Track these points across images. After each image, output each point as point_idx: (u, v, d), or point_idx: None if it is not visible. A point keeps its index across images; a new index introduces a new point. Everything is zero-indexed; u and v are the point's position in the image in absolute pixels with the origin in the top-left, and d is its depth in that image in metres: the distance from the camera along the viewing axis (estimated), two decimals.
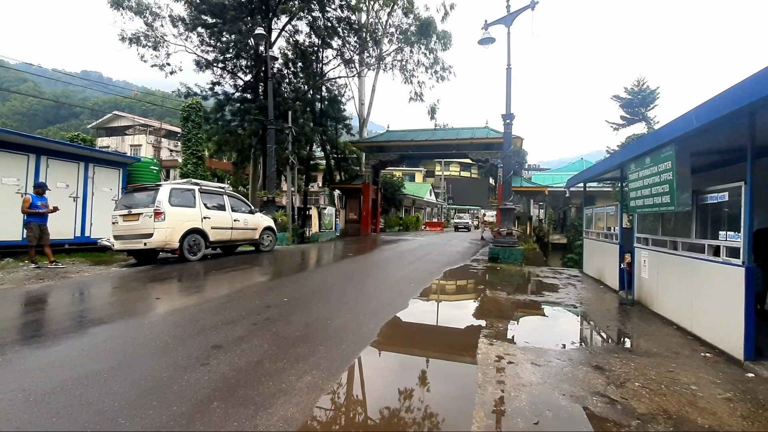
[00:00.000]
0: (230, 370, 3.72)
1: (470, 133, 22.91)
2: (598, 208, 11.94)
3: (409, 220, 37.19)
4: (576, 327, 6.26)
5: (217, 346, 4.30)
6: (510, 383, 3.65)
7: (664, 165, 6.01)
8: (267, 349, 4.26)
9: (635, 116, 36.12)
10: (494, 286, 9.08)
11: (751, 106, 3.99)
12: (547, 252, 24.48)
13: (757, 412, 3.27)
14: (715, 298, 5.05)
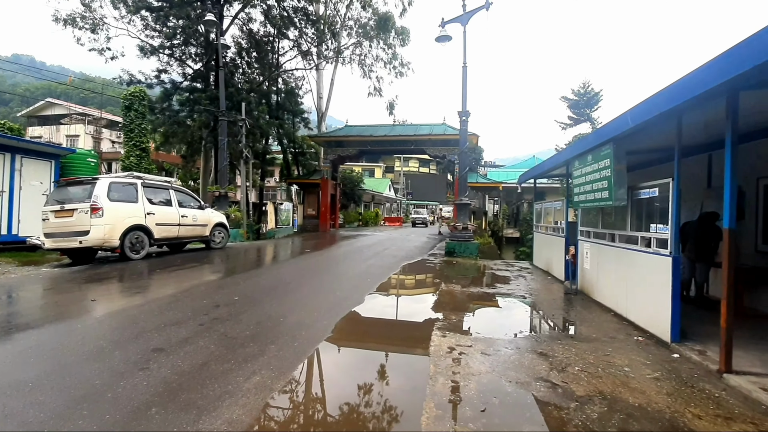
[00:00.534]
0: (172, 373, 3.51)
1: (428, 129, 23.24)
2: (547, 203, 12.55)
3: (369, 216, 37.23)
4: (524, 316, 6.53)
5: (158, 349, 4.05)
6: (460, 373, 3.73)
7: (603, 162, 6.40)
8: (213, 351, 4.07)
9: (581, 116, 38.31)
10: (450, 279, 9.28)
11: (678, 109, 4.32)
12: (501, 245, 25.43)
13: (680, 389, 3.57)
14: (647, 286, 5.46)
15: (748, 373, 3.86)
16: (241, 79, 24.35)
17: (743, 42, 3.18)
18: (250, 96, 22.02)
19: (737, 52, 3.25)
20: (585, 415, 3.01)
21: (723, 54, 3.42)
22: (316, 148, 29.17)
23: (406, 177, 57.45)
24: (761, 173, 6.49)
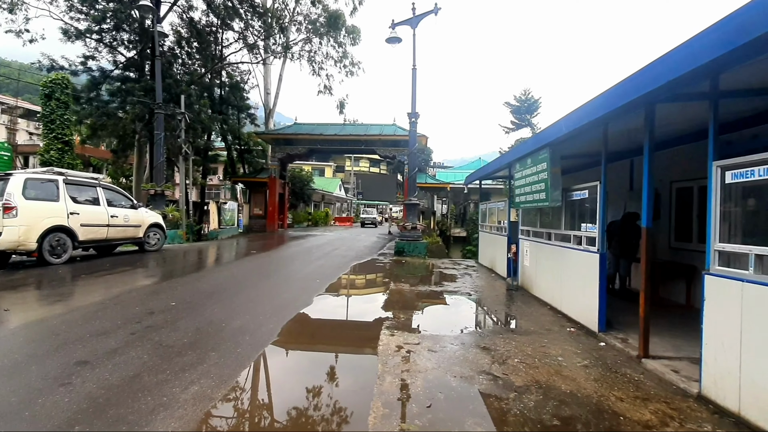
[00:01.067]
0: (98, 388, 3.22)
1: (378, 129, 23.38)
2: (492, 203, 13.13)
3: (319, 216, 36.70)
4: (470, 313, 6.78)
5: (82, 362, 3.69)
6: (408, 371, 3.78)
7: (541, 165, 6.82)
8: (146, 361, 3.79)
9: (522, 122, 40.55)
10: (399, 278, 9.39)
11: (604, 118, 4.71)
12: (449, 245, 26.19)
13: (606, 375, 3.89)
14: (577, 280, 5.90)
15: (662, 357, 4.30)
16: (181, 70, 22.90)
17: (658, 59, 3.53)
18: (190, 88, 20.78)
19: (652, 68, 3.60)
20: (523, 404, 3.18)
21: (641, 69, 3.78)
22: (263, 146, 28.22)
23: (357, 177, 57.38)
24: (674, 177, 7.26)
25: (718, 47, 2.83)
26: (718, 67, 3.18)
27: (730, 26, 2.75)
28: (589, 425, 2.93)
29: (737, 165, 3.24)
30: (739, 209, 3.57)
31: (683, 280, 6.81)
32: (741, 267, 3.18)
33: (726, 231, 3.42)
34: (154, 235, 11.89)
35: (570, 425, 2.92)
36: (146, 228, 11.47)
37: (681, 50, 3.24)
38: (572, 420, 2.99)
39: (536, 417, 3.00)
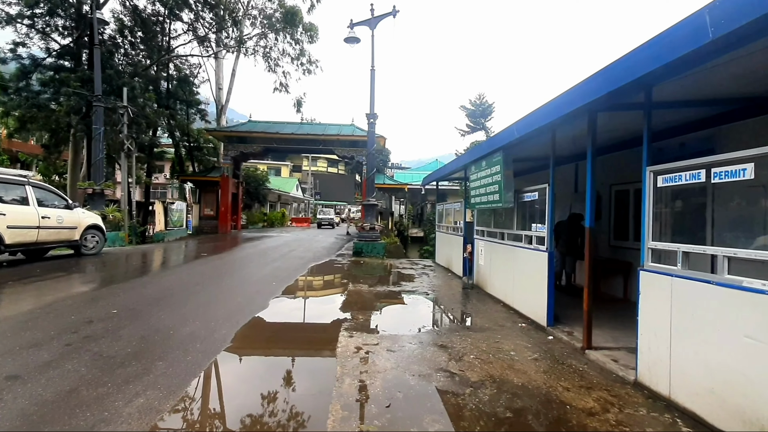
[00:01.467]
0: (32, 404, 2.93)
1: (337, 129, 23.19)
2: (448, 204, 13.46)
3: (275, 216, 35.75)
4: (427, 312, 6.90)
5: (12, 377, 3.35)
6: (367, 372, 3.78)
7: (495, 168, 7.08)
8: (85, 374, 3.50)
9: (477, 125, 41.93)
10: (357, 279, 9.37)
11: (552, 124, 4.98)
12: (406, 245, 26.52)
13: (554, 366, 4.11)
14: (528, 278, 6.19)
15: (603, 348, 4.62)
16: (123, 61, 21.42)
17: (599, 72, 3.79)
18: (133, 81, 19.47)
19: (594, 79, 3.86)
20: (478, 399, 3.29)
21: (584, 80, 4.04)
22: (215, 143, 27.03)
23: (315, 177, 56.52)
24: (613, 181, 7.83)
25: (651, 62, 3.09)
26: (651, 80, 3.47)
27: (661, 44, 3.01)
28: (539, 416, 3.08)
29: (667, 170, 3.55)
30: (669, 210, 3.91)
31: (621, 275, 7.36)
32: (670, 263, 3.48)
33: (658, 230, 3.73)
34: (92, 238, 11.02)
35: (522, 416, 3.06)
36: (83, 230, 10.60)
37: (619, 64, 3.50)
38: (524, 411, 3.13)
39: (490, 410, 3.11)
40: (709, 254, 3.14)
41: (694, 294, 3.17)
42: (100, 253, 11.32)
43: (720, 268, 2.97)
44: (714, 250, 3.06)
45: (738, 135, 5.00)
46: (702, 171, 3.18)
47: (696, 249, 3.25)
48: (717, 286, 2.95)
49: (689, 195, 3.99)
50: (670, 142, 5.97)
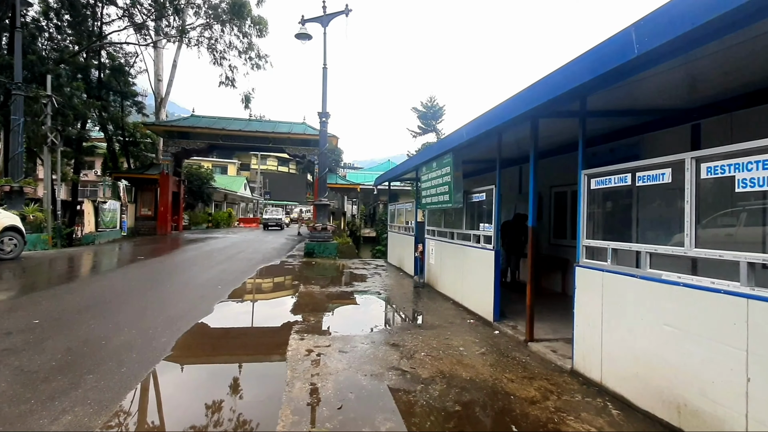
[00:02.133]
0: None
1: (288, 127, 22.63)
2: (400, 204, 13.63)
3: (220, 216, 34.13)
4: (379, 311, 6.93)
5: None
6: (318, 374, 3.72)
7: (445, 169, 7.27)
8: (5, 390, 3.13)
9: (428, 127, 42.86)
10: (309, 280, 9.21)
11: (499, 128, 5.21)
12: (359, 245, 26.49)
13: (499, 360, 4.30)
14: (476, 275, 6.43)
15: (544, 339, 4.91)
16: (48, 46, 19.39)
17: (540, 81, 4.02)
18: (59, 68, 17.69)
19: (536, 87, 4.09)
20: (429, 395, 3.36)
21: (527, 88, 4.27)
22: (153, 138, 25.30)
23: (264, 176, 54.78)
24: (553, 183, 8.36)
25: (586, 74, 3.33)
26: (586, 91, 3.74)
27: (594, 57, 3.25)
28: (485, 407, 3.21)
29: (599, 174, 3.85)
30: (601, 211, 4.25)
31: (560, 271, 7.88)
32: (602, 259, 3.78)
33: (591, 229, 4.03)
34: (10, 240, 9.86)
35: (470, 409, 3.17)
36: None
37: (557, 74, 3.74)
38: (471, 404, 3.24)
39: (440, 405, 3.19)
40: (634, 250, 3.44)
41: (621, 287, 3.47)
42: (19, 258, 10.16)
43: (643, 263, 3.27)
44: (638, 247, 3.36)
45: (659, 143, 5.54)
46: (628, 175, 3.48)
47: (623, 246, 3.56)
48: (640, 280, 3.25)
49: (618, 197, 4.36)
50: (603, 148, 6.48)
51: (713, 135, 4.71)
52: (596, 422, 2.99)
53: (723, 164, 2.65)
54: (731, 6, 2.16)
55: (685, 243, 2.90)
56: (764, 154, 2.39)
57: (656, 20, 2.67)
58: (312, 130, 21.77)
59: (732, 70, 3.67)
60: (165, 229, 20.80)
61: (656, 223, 4.35)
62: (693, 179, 2.85)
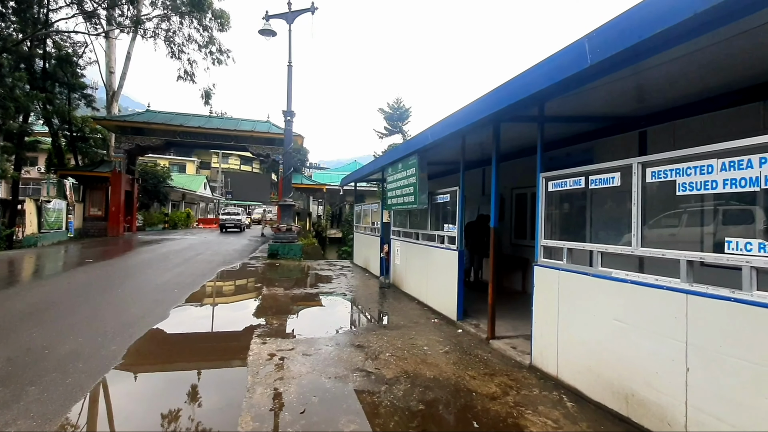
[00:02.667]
0: None
1: (251, 125, 22.03)
2: (366, 205, 13.61)
3: (178, 217, 32.62)
4: (345, 312, 6.89)
5: None
6: (281, 379, 3.64)
7: (410, 170, 7.35)
8: None
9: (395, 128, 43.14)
10: (272, 282, 9.00)
11: (462, 131, 5.33)
12: (324, 246, 26.23)
13: (462, 357, 4.39)
14: (440, 276, 6.53)
15: (504, 337, 5.06)
16: None
17: (501, 86, 4.15)
18: (1, 57, 16.28)
19: (497, 92, 4.21)
20: (393, 395, 3.37)
21: (489, 93, 4.39)
22: (104, 134, 23.80)
23: (226, 175, 53.02)
24: (515, 185, 8.65)
25: (544, 80, 3.47)
26: (544, 97, 3.90)
27: (551, 65, 3.40)
28: (448, 405, 3.26)
29: (555, 177, 4.02)
30: (558, 212, 4.44)
31: (520, 270, 8.16)
32: (558, 258, 3.95)
33: (549, 230, 4.21)
34: None
35: (433, 407, 3.21)
36: None
37: (518, 80, 3.87)
38: (435, 402, 3.29)
39: (404, 405, 3.21)
40: (587, 250, 3.62)
41: (575, 285, 3.64)
42: None
43: (595, 261, 3.45)
44: (591, 247, 3.54)
45: (610, 148, 5.86)
46: (582, 178, 3.67)
47: (577, 246, 3.74)
48: (592, 277, 3.43)
49: (574, 199, 4.57)
50: (560, 152, 6.78)
51: (658, 142, 5.05)
52: (552, 415, 3.12)
53: (665, 169, 2.84)
54: (672, 22, 2.33)
55: (632, 243, 3.09)
56: (700, 161, 2.58)
57: (607, 33, 2.82)
58: (276, 128, 21.32)
59: (674, 81, 3.95)
60: (117, 230, 19.64)
61: (608, 224, 4.60)
62: (639, 183, 3.04)
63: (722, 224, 3.58)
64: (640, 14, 2.56)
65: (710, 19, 2.26)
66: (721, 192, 2.48)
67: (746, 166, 2.32)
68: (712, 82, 3.96)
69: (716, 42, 2.86)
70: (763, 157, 2.24)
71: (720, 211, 3.65)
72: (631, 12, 2.63)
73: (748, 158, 2.31)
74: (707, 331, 2.50)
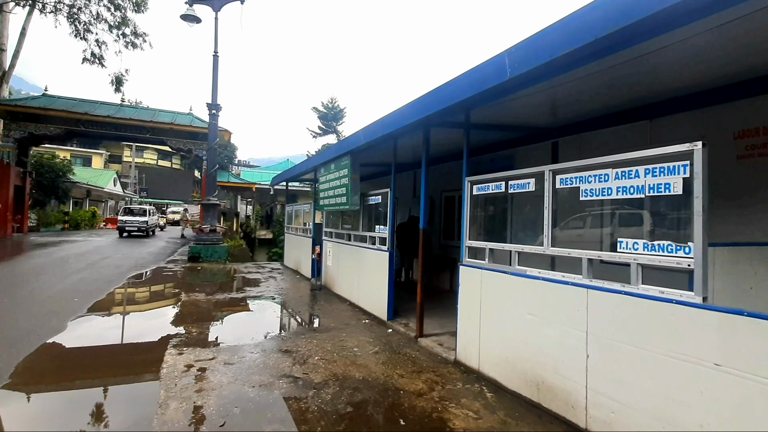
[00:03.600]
0: None
1: (170, 117, 20.30)
2: (298, 205, 13.28)
3: (81, 216, 28.86)
4: (273, 317, 6.63)
5: None
6: (199, 392, 3.37)
7: (343, 171, 7.30)
8: None
9: (329, 128, 42.69)
10: (193, 287, 8.37)
11: (394, 134, 5.42)
12: (254, 248, 25.05)
13: (391, 357, 4.46)
14: (371, 276, 6.58)
15: (432, 334, 5.23)
16: None
17: (431, 92, 4.29)
18: None
19: (428, 97, 4.36)
20: (321, 399, 3.30)
21: (420, 97, 4.52)
22: None
23: (141, 170, 48.28)
24: (444, 188, 9.01)
25: (469, 89, 3.66)
26: (470, 104, 4.11)
27: (476, 75, 3.59)
28: (376, 404, 3.28)
29: (479, 181, 4.26)
30: (483, 214, 4.70)
31: (449, 270, 8.52)
32: (481, 258, 4.18)
33: (475, 231, 4.44)
34: None
35: (361, 408, 3.20)
36: None
37: (446, 87, 4.04)
38: (363, 403, 3.29)
39: (332, 409, 3.16)
40: (507, 250, 3.88)
41: (495, 282, 3.88)
42: None
43: (513, 261, 3.71)
44: (509, 247, 3.81)
45: (528, 156, 6.36)
46: (503, 183, 3.93)
47: (497, 246, 3.99)
48: (510, 275, 3.68)
49: (496, 202, 4.88)
50: (485, 158, 7.21)
51: (568, 152, 5.59)
52: (473, 406, 3.28)
53: (572, 176, 3.15)
54: (578, 44, 2.58)
55: (544, 243, 3.37)
56: (599, 170, 2.90)
57: (524, 49, 3.05)
58: (200, 122, 19.91)
59: (579, 98, 4.39)
60: (3, 231, 16.90)
61: (526, 226, 4.97)
62: (550, 188, 3.33)
63: (618, 226, 4.05)
64: (552, 36, 2.80)
65: (607, 45, 2.55)
66: (616, 198, 2.81)
67: (634, 176, 2.65)
68: (611, 101, 4.49)
69: (611, 66, 3.24)
70: (647, 168, 2.57)
71: (617, 215, 4.13)
72: (544, 32, 2.87)
73: (636, 169, 2.64)
74: (603, 321, 2.81)
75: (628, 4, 2.27)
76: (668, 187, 2.44)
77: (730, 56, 3.22)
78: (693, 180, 2.29)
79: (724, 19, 2.41)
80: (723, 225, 3.98)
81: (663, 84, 3.96)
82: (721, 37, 2.74)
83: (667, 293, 2.43)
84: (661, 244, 2.50)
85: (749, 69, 3.53)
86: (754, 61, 3.32)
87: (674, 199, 2.48)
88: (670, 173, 2.43)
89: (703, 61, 3.30)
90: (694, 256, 2.28)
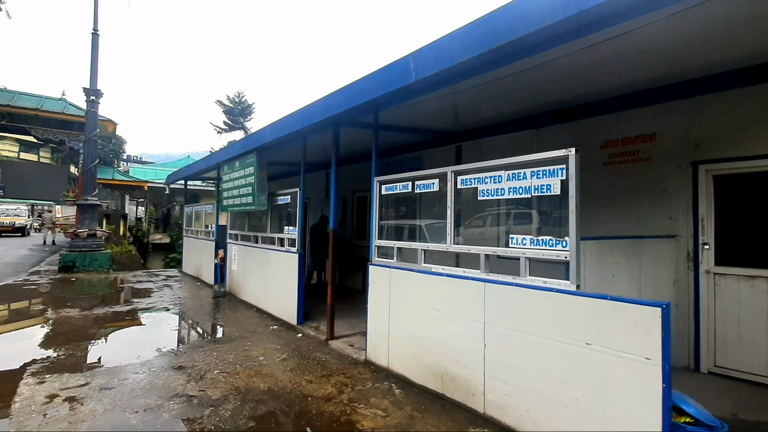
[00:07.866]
0: None
1: (36, 102, 17.12)
2: (199, 206, 12.16)
3: None
4: (166, 331, 5.93)
5: None
6: (63, 424, 2.84)
7: (249, 170, 6.85)
8: None
9: (236, 124, 40.12)
10: (65, 302, 7.13)
11: (303, 131, 5.24)
12: (146, 253, 22.31)
13: (300, 363, 4.28)
14: (281, 280, 6.28)
15: (343, 336, 5.17)
16: None
17: (339, 90, 4.23)
18: None
19: (337, 95, 4.28)
20: (218, 417, 3.02)
21: (328, 95, 4.43)
22: None
23: None
24: (356, 188, 9.00)
25: (377, 89, 3.68)
26: (377, 105, 4.13)
27: (383, 76, 3.62)
28: (282, 415, 3.10)
29: (388, 181, 4.32)
30: (393, 213, 4.77)
31: (361, 270, 8.52)
32: (390, 258, 4.24)
33: (384, 230, 4.48)
34: None
35: (265, 422, 3.00)
36: None
37: (354, 86, 4.01)
38: (267, 416, 3.08)
39: (232, 426, 2.90)
40: (414, 248, 3.99)
41: (403, 280, 3.96)
42: None
43: (419, 258, 3.82)
44: (416, 245, 3.92)
45: (435, 158, 6.66)
46: (410, 183, 4.03)
47: (404, 245, 4.09)
48: (417, 273, 3.79)
49: (405, 201, 5.00)
50: (395, 159, 7.37)
51: (470, 155, 5.98)
52: (382, 404, 3.29)
53: (471, 177, 3.35)
54: (475, 53, 2.74)
55: (447, 241, 3.53)
56: (493, 172, 3.12)
57: (427, 53, 3.16)
58: (76, 109, 17.14)
59: (476, 106, 4.72)
60: None
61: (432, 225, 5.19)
62: (452, 188, 3.49)
63: (513, 224, 4.43)
64: (451, 43, 2.94)
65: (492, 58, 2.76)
66: (509, 198, 3.04)
67: (523, 177, 2.90)
68: (504, 110, 4.90)
69: (498, 78, 3.51)
70: (533, 170, 2.84)
71: (511, 214, 4.52)
72: (444, 39, 3.00)
73: (524, 171, 2.90)
74: (497, 311, 3.02)
75: (501, 27, 2.53)
76: (549, 187, 2.71)
77: (589, 79, 3.75)
78: (569, 181, 2.57)
79: (578, 46, 2.77)
80: (592, 222, 4.61)
81: (544, 98, 4.45)
82: (582, 61, 3.17)
83: (549, 283, 2.71)
84: (544, 239, 2.77)
85: (609, 89, 4.15)
86: (612, 82, 3.89)
87: (555, 199, 2.76)
88: (551, 175, 2.70)
89: (572, 78, 3.77)
90: (570, 249, 2.57)
